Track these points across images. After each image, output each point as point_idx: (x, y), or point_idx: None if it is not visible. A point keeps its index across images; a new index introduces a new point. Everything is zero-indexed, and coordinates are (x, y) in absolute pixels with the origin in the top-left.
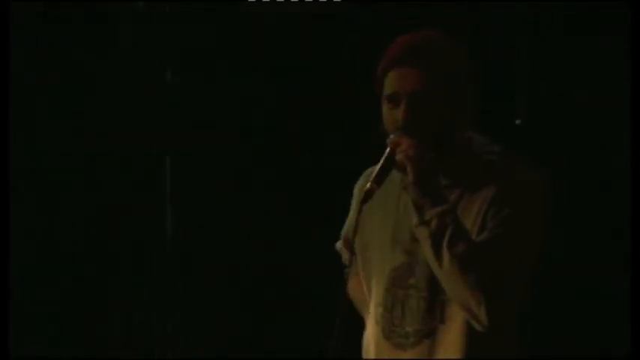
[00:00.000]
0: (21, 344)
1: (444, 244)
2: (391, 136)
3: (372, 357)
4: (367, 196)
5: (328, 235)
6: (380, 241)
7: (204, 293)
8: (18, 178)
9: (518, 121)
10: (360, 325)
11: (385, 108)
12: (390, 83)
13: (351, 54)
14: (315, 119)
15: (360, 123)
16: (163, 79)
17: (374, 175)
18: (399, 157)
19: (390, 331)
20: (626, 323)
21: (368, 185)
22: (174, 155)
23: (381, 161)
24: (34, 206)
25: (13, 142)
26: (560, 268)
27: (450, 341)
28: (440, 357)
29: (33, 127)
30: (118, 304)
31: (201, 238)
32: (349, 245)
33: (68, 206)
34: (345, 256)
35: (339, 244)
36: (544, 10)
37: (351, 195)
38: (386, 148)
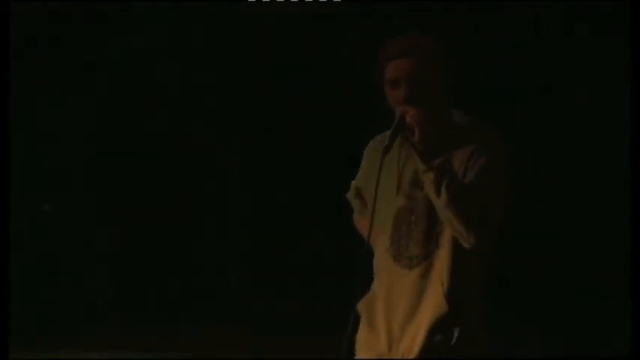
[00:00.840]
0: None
1: (443, 184)
2: (400, 107)
3: (384, 278)
4: (386, 151)
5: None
6: (387, 190)
7: None
8: None
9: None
10: None
11: (388, 90)
12: (391, 71)
13: (350, 53)
14: (315, 116)
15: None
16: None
17: (390, 134)
18: (408, 119)
19: (398, 256)
20: (626, 323)
21: (387, 141)
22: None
23: (394, 125)
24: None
25: None
26: (561, 268)
27: (442, 262)
28: (435, 274)
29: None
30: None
31: None
32: (359, 194)
33: None
34: (355, 202)
35: (349, 194)
36: (544, 11)
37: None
38: (396, 118)
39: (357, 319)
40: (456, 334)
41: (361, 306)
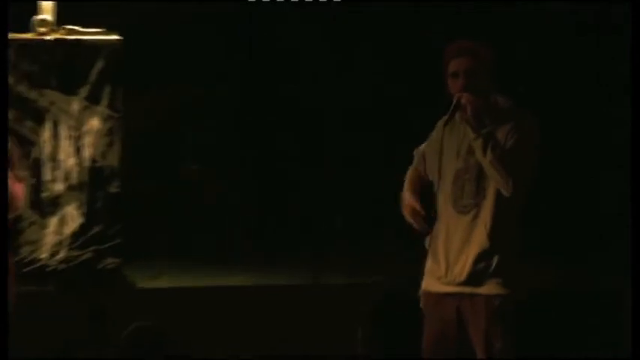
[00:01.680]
0: None
1: (489, 148)
2: (458, 93)
3: (444, 221)
4: (445, 124)
5: None
6: (449, 156)
7: None
8: None
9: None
10: None
11: (450, 81)
12: (453, 66)
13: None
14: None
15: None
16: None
17: (450, 113)
18: (464, 101)
19: (455, 205)
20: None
21: (447, 117)
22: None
23: (453, 105)
24: None
25: None
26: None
27: (486, 209)
28: (481, 218)
29: None
30: None
31: None
32: (423, 155)
33: None
34: (417, 159)
35: (416, 151)
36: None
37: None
38: (454, 101)
39: None
40: (494, 262)
41: (428, 242)
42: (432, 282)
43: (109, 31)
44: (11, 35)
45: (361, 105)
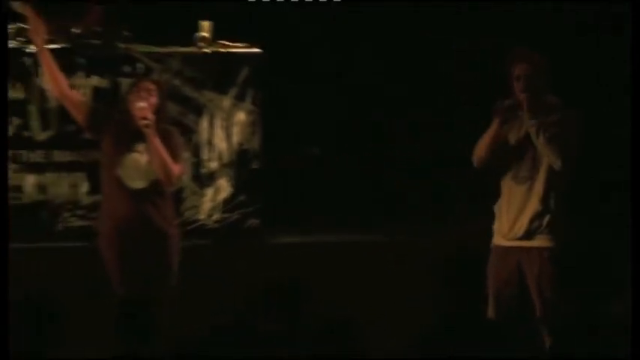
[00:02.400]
0: None
1: (541, 131)
2: (520, 93)
3: (507, 191)
4: (510, 116)
5: None
6: (511, 139)
7: None
8: None
9: None
10: None
11: (514, 82)
12: (517, 70)
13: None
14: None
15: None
16: None
17: (513, 106)
18: (521, 97)
19: (515, 177)
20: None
21: (510, 110)
22: None
23: (516, 102)
24: None
25: None
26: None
27: (540, 180)
28: (535, 187)
29: None
30: None
31: None
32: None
33: None
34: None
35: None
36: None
37: None
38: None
39: None
40: (545, 222)
41: (496, 208)
42: (499, 238)
43: (252, 45)
44: (179, 49)
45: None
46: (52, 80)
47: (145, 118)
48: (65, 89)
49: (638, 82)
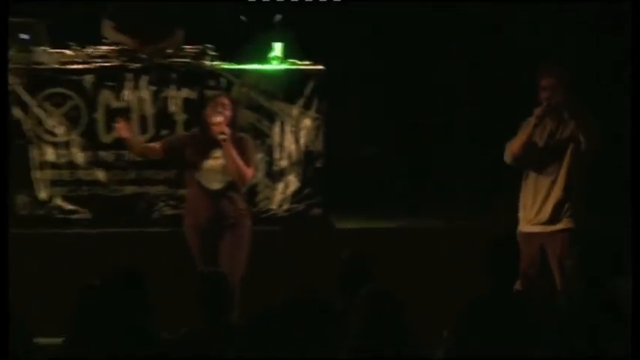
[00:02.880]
0: None
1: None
2: (546, 101)
3: (533, 179)
4: (536, 124)
5: None
6: (538, 139)
7: None
8: None
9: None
10: None
11: (542, 92)
12: (543, 82)
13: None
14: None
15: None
16: None
17: (542, 111)
18: (549, 105)
19: (541, 172)
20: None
21: (540, 114)
22: None
23: (544, 108)
24: None
25: None
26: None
27: (562, 175)
28: (558, 181)
29: None
30: None
31: None
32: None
33: None
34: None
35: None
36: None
37: None
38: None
39: None
40: (566, 208)
41: (521, 199)
42: (524, 225)
43: (316, 63)
44: (256, 66)
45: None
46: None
47: (222, 132)
48: (140, 148)
49: (638, 82)
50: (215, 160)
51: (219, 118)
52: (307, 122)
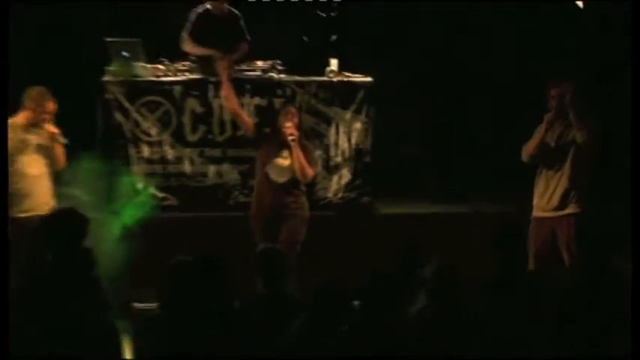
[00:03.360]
0: None
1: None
2: (554, 106)
3: (544, 172)
4: (547, 128)
5: None
6: (549, 140)
7: None
8: None
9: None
10: None
11: (551, 100)
12: (552, 92)
13: None
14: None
15: None
16: None
17: (554, 114)
18: (557, 108)
19: (551, 167)
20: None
21: (552, 117)
22: None
23: (556, 110)
24: None
25: None
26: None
27: (567, 167)
28: (565, 171)
29: None
30: None
31: None
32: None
33: None
34: (537, 133)
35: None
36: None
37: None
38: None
39: None
40: (572, 195)
41: (535, 189)
42: (537, 211)
43: (366, 75)
44: (315, 78)
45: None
46: (231, 102)
47: (292, 134)
48: (238, 109)
49: (638, 82)
50: (284, 159)
51: (289, 124)
52: (358, 125)
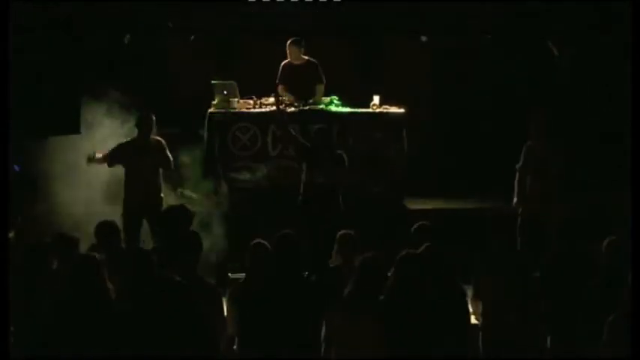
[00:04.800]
0: None
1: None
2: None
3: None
4: (528, 151)
5: None
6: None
7: None
8: None
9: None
10: None
11: (528, 129)
12: (528, 122)
13: None
14: None
15: None
16: None
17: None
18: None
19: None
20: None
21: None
22: None
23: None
24: None
25: None
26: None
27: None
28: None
29: None
30: None
31: None
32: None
33: None
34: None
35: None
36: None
37: None
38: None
39: None
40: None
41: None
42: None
43: (399, 107)
44: (361, 110)
45: None
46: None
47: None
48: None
49: (638, 82)
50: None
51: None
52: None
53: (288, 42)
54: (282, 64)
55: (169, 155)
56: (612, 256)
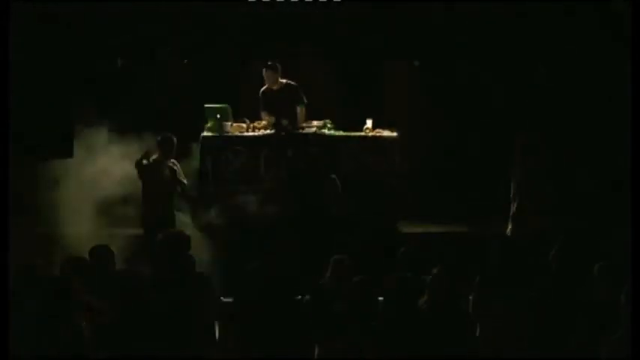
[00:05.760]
0: None
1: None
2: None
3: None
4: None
5: None
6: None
7: None
8: None
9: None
10: None
11: (515, 147)
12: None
13: None
14: None
15: None
16: None
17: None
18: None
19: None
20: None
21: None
22: None
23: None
24: None
25: None
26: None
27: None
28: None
29: None
30: None
31: None
32: None
33: None
34: None
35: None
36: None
37: None
38: None
39: None
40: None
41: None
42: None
43: (392, 131)
44: (355, 133)
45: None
46: None
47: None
48: None
49: (638, 81)
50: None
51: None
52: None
53: (264, 68)
54: (261, 90)
55: (184, 177)
56: (604, 281)
